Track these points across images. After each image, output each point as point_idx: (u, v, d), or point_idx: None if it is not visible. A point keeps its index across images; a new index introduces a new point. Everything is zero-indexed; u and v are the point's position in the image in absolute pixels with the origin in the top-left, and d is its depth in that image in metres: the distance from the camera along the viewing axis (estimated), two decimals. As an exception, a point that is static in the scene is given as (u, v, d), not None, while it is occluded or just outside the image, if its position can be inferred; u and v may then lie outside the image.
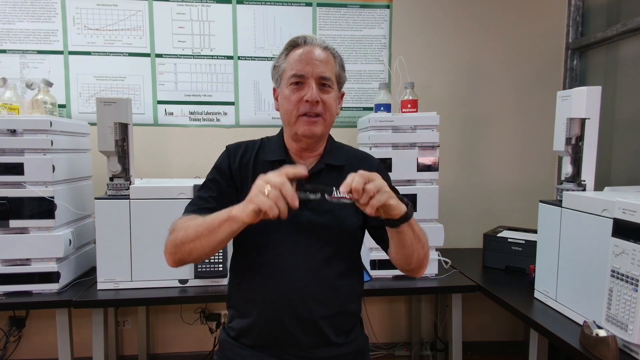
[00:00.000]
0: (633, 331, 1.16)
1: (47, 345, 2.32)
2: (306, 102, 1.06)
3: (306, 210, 1.07)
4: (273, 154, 1.15)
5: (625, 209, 1.20)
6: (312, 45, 1.10)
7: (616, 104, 2.21)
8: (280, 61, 1.13)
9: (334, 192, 1.03)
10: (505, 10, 2.51)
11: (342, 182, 1.05)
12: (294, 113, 1.08)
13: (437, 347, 2.55)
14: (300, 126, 1.08)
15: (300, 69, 1.07)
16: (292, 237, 1.08)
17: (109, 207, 1.72)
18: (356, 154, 1.24)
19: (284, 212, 0.86)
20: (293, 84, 1.08)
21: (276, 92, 1.17)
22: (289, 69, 1.09)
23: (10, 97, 1.81)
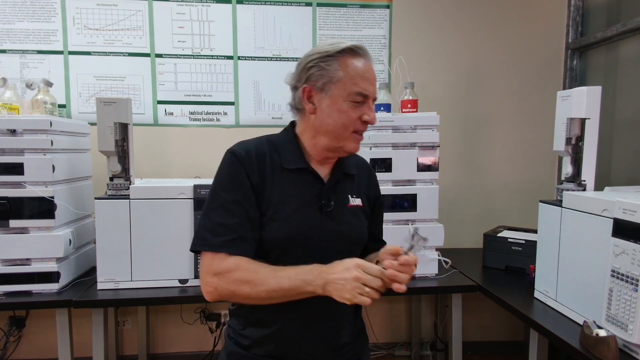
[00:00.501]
0: (633, 331, 1.15)
1: (47, 345, 2.32)
2: (364, 122, 1.03)
3: (330, 220, 1.06)
4: (293, 162, 1.06)
5: (625, 209, 1.20)
6: (370, 60, 1.05)
7: (616, 104, 2.21)
8: (332, 65, 1.01)
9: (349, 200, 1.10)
10: (505, 10, 2.51)
11: (351, 189, 1.12)
12: (349, 129, 1.03)
13: (437, 347, 2.55)
14: (351, 143, 1.05)
15: (366, 88, 1.02)
16: (318, 246, 1.05)
17: (109, 207, 1.72)
18: (358, 161, 1.21)
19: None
20: (355, 101, 1.01)
21: (312, 92, 1.04)
22: (351, 83, 1.01)
23: (10, 97, 1.81)
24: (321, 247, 1.05)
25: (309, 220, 1.04)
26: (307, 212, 1.04)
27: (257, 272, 0.95)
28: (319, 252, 1.04)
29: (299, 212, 1.03)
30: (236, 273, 0.96)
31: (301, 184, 1.05)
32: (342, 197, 1.10)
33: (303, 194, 1.05)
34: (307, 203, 1.05)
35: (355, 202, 1.12)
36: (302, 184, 1.05)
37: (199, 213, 1.74)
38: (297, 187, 1.05)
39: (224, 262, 0.97)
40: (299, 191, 1.05)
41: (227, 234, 0.97)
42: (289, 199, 1.03)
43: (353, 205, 1.11)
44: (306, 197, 1.05)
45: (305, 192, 1.05)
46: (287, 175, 1.05)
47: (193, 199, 1.76)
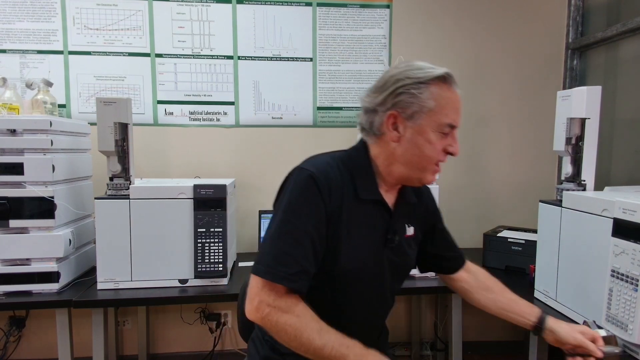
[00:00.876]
0: (633, 331, 1.16)
1: (47, 345, 2.32)
2: (447, 154, 0.99)
3: (390, 251, 1.05)
4: (368, 192, 1.01)
5: (625, 209, 1.20)
6: (457, 88, 1.00)
7: (616, 104, 2.21)
8: (425, 93, 0.95)
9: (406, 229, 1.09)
10: (505, 10, 2.51)
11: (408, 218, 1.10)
12: (433, 160, 0.99)
13: (437, 347, 2.55)
14: (430, 175, 1.01)
15: (455, 119, 0.99)
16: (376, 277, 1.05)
17: (109, 207, 1.72)
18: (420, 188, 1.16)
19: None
20: (443, 132, 0.98)
21: (398, 120, 0.97)
22: (442, 114, 0.96)
23: (10, 97, 1.81)
24: (379, 278, 1.06)
25: (373, 252, 1.03)
26: (373, 244, 1.03)
27: (307, 325, 0.91)
28: (375, 282, 1.06)
29: (366, 244, 1.01)
30: (288, 317, 0.91)
31: (371, 215, 1.02)
32: (401, 227, 1.09)
33: (371, 226, 1.02)
34: (374, 235, 1.03)
35: (409, 232, 1.11)
36: (372, 214, 1.02)
37: (199, 213, 1.75)
38: (367, 218, 1.02)
39: (282, 299, 0.92)
40: (368, 222, 1.02)
41: (291, 265, 0.91)
42: (358, 230, 1.00)
43: (408, 235, 1.11)
44: (374, 229, 1.03)
45: (374, 224, 1.03)
46: (360, 205, 1.00)
47: (193, 199, 1.76)
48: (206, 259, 1.77)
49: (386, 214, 1.04)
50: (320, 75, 2.43)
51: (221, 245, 1.77)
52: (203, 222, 1.76)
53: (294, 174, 1.00)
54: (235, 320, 2.45)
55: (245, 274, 1.81)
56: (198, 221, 1.75)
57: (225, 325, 2.47)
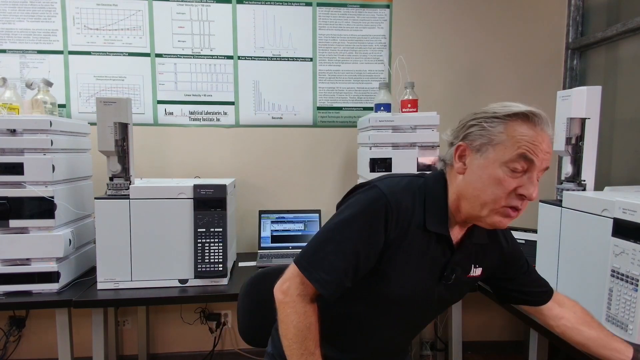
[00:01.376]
0: (633, 331, 1.15)
1: (47, 345, 2.32)
2: (519, 196, 0.89)
3: (443, 288, 1.01)
4: (436, 226, 0.96)
5: (625, 209, 1.20)
6: (546, 131, 0.90)
7: (616, 104, 2.21)
8: (497, 127, 0.89)
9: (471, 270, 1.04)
10: (505, 10, 2.51)
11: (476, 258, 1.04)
12: (499, 202, 0.89)
13: (437, 347, 2.55)
14: (496, 217, 0.91)
15: (532, 154, 0.87)
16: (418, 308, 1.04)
17: (108, 207, 1.72)
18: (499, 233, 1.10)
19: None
20: (513, 168, 0.88)
21: (465, 152, 0.93)
22: (513, 147, 0.87)
23: (10, 97, 1.81)
24: (422, 308, 1.04)
25: (425, 285, 1.00)
26: (427, 277, 0.99)
27: (302, 341, 0.93)
28: (418, 312, 1.05)
29: (420, 275, 0.98)
30: (299, 320, 0.94)
31: (433, 249, 0.98)
32: (464, 266, 1.03)
33: (431, 258, 0.98)
34: (431, 268, 0.99)
35: (476, 273, 1.05)
36: (434, 249, 0.98)
37: (199, 213, 1.75)
38: (428, 251, 0.98)
39: (306, 298, 0.95)
40: (427, 254, 0.98)
41: (329, 272, 0.92)
42: (417, 260, 0.97)
43: (472, 276, 1.05)
44: (432, 262, 0.99)
45: (434, 257, 0.98)
46: (425, 236, 0.96)
47: (193, 199, 1.76)
48: (206, 259, 1.77)
49: (448, 251, 0.99)
50: (320, 75, 2.43)
51: (221, 245, 1.77)
52: (203, 222, 1.76)
53: (367, 187, 0.97)
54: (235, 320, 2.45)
55: (246, 274, 1.81)
56: (198, 221, 1.75)
57: (225, 325, 2.46)
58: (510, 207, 0.90)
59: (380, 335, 1.06)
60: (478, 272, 1.05)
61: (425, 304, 1.03)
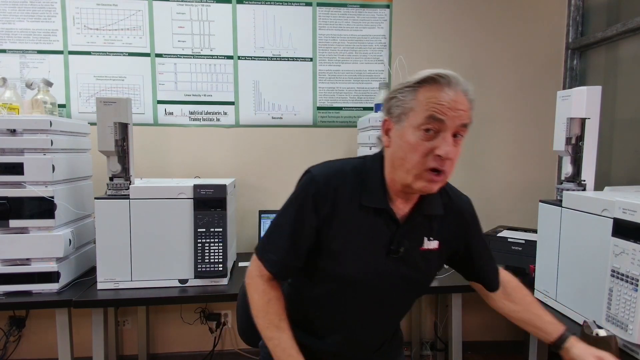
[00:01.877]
0: (633, 331, 1.16)
1: (47, 345, 2.32)
2: (436, 157, 0.89)
3: (396, 263, 1.01)
4: (373, 200, 0.98)
5: (625, 209, 1.20)
6: (455, 89, 0.92)
7: (616, 104, 2.21)
8: (407, 96, 0.93)
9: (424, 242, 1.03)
10: (505, 10, 2.51)
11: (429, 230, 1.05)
12: (418, 166, 0.91)
13: (437, 347, 2.55)
14: (420, 181, 0.92)
15: (439, 113, 0.89)
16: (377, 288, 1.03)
17: (108, 207, 1.72)
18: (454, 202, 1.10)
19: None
20: (425, 130, 0.90)
21: (389, 124, 0.98)
22: (421, 110, 0.90)
23: (10, 97, 1.81)
24: (380, 290, 1.03)
25: (372, 263, 1.00)
26: (373, 254, 1.00)
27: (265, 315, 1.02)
28: (377, 294, 1.03)
29: (365, 253, 1.00)
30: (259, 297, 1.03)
31: (374, 224, 0.99)
32: (416, 239, 1.03)
33: (373, 235, 0.99)
34: (376, 245, 1.00)
35: (430, 246, 1.04)
36: (375, 223, 0.99)
37: (199, 213, 1.75)
38: (369, 226, 0.99)
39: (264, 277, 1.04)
40: (370, 231, 0.99)
41: (276, 253, 1.01)
42: (358, 238, 0.99)
43: (426, 248, 1.04)
44: (376, 239, 1.00)
45: (377, 233, 1.00)
46: (363, 213, 0.99)
47: (193, 199, 1.76)
48: (206, 259, 1.77)
49: (393, 224, 1.00)
50: (320, 75, 2.43)
51: (221, 245, 1.77)
52: (203, 222, 1.76)
53: (303, 173, 1.04)
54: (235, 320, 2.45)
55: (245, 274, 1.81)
56: (198, 221, 1.75)
57: (225, 325, 2.46)
58: (431, 170, 0.91)
59: (352, 319, 1.05)
60: (434, 244, 1.05)
61: (385, 282, 1.02)
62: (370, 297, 1.03)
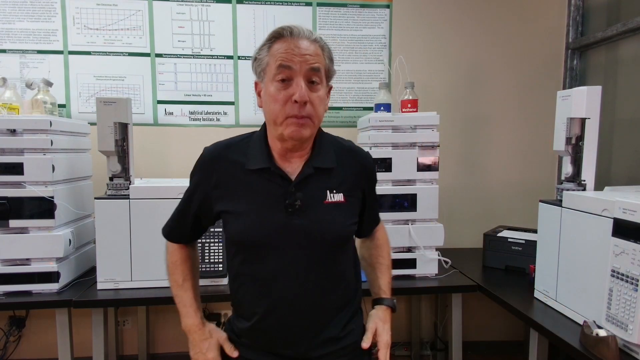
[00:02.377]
0: (633, 331, 1.15)
1: (47, 345, 2.32)
2: (294, 103, 0.96)
3: (298, 219, 1.02)
4: (256, 162, 1.04)
5: (625, 209, 1.20)
6: (299, 37, 0.99)
7: (616, 104, 2.21)
8: (262, 53, 1.02)
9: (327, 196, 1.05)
10: (505, 10, 2.51)
11: (330, 184, 1.06)
12: (281, 114, 0.97)
13: (437, 347, 2.55)
14: (287, 128, 0.98)
15: (287, 60, 0.97)
16: (285, 246, 1.03)
17: (108, 207, 1.72)
18: (347, 151, 1.13)
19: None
20: (279, 81, 0.97)
21: (259, 86, 1.06)
22: (273, 62, 0.98)
23: (10, 97, 1.81)
24: (290, 247, 1.03)
25: (271, 221, 1.02)
26: (271, 213, 1.02)
27: (170, 275, 1.21)
28: (287, 252, 1.03)
29: (262, 213, 1.02)
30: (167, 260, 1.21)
31: (266, 185, 1.03)
32: (316, 194, 1.04)
33: (268, 195, 1.03)
34: (272, 203, 1.02)
35: (334, 199, 1.06)
36: (267, 184, 1.03)
37: (199, 213, 1.75)
38: (262, 188, 1.04)
39: (169, 250, 1.21)
40: (263, 192, 1.03)
41: (171, 224, 1.19)
42: (252, 200, 1.03)
43: (330, 201, 1.05)
44: (271, 198, 1.03)
45: (271, 193, 1.03)
46: (252, 176, 1.04)
47: (193, 199, 1.76)
48: (206, 259, 1.77)
49: (285, 182, 1.03)
50: (320, 75, 2.43)
51: (221, 245, 1.77)
52: (203, 222, 1.75)
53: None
54: (235, 320, 2.45)
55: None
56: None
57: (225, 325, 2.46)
58: (293, 116, 0.97)
59: (278, 290, 1.04)
60: (339, 197, 1.07)
61: (290, 239, 1.02)
62: (282, 259, 1.03)
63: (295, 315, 1.05)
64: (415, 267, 1.92)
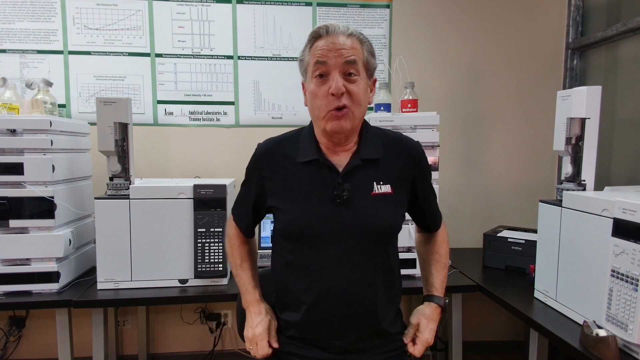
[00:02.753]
0: (633, 331, 1.15)
1: (47, 345, 2.32)
2: (332, 96, 1.00)
3: (347, 210, 1.05)
4: (305, 155, 1.09)
5: (625, 209, 1.20)
6: (335, 34, 1.03)
7: (616, 104, 2.21)
8: (305, 54, 1.07)
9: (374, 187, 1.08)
10: (505, 10, 2.51)
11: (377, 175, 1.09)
12: (323, 109, 1.02)
13: (437, 347, 2.55)
14: (329, 122, 1.02)
15: (322, 56, 1.01)
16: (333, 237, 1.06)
17: (108, 207, 1.72)
18: (394, 141, 1.15)
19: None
20: (317, 76, 1.02)
21: (304, 86, 1.11)
22: (311, 61, 1.04)
23: (10, 97, 1.81)
24: (337, 238, 1.06)
25: (319, 211, 1.06)
26: (319, 203, 1.06)
27: (230, 256, 1.27)
28: (335, 243, 1.06)
29: (311, 204, 1.07)
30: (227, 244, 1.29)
31: (316, 177, 1.08)
32: (364, 185, 1.08)
33: (317, 186, 1.07)
34: (321, 194, 1.06)
35: (382, 190, 1.09)
36: (316, 176, 1.08)
37: (198, 213, 1.75)
38: (311, 179, 1.08)
39: (232, 230, 1.27)
40: (313, 184, 1.08)
41: (238, 208, 1.26)
42: (302, 192, 1.08)
43: (378, 193, 1.08)
44: (320, 189, 1.07)
45: (320, 185, 1.07)
46: (301, 169, 1.09)
47: (193, 199, 1.76)
48: (206, 259, 1.77)
49: (333, 174, 1.07)
50: (320, 75, 2.43)
51: (221, 245, 1.77)
52: (203, 222, 1.76)
53: None
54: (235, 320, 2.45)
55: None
56: (198, 221, 1.75)
57: (225, 325, 2.46)
58: (334, 110, 1.01)
59: (326, 280, 1.06)
60: (386, 189, 1.09)
61: (337, 230, 1.06)
62: (330, 249, 1.06)
63: (343, 305, 1.07)
64: (415, 267, 1.92)
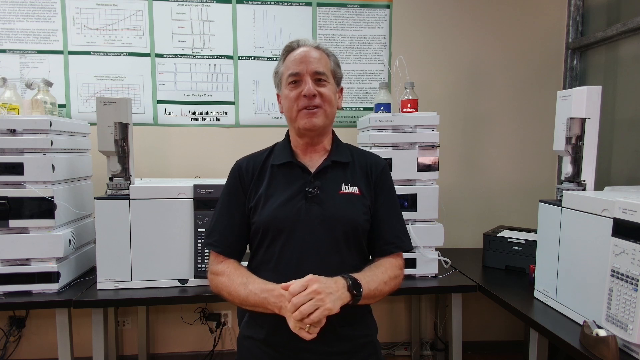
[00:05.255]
0: (633, 331, 1.15)
1: (47, 345, 2.33)
2: (304, 97, 1.14)
3: (317, 206, 1.15)
4: (280, 158, 1.22)
5: (625, 209, 1.20)
6: (305, 46, 1.20)
7: (616, 104, 2.21)
8: (279, 67, 1.23)
9: (342, 187, 1.18)
10: (505, 10, 2.51)
11: (345, 177, 1.20)
12: (294, 109, 1.16)
13: (437, 346, 2.55)
14: (301, 119, 1.16)
15: (295, 67, 1.16)
16: (306, 231, 1.14)
17: (108, 207, 1.72)
18: (362, 153, 1.30)
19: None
20: (291, 83, 1.17)
21: (279, 96, 1.25)
22: (286, 71, 1.19)
23: (10, 97, 1.81)
24: (310, 233, 1.13)
25: (294, 207, 1.15)
26: (293, 200, 1.16)
27: (233, 282, 1.14)
28: (308, 238, 1.13)
29: (285, 200, 1.16)
30: (220, 278, 1.18)
31: (289, 177, 1.19)
32: (333, 185, 1.19)
33: (290, 185, 1.18)
34: (294, 193, 1.17)
35: (349, 190, 1.20)
36: (290, 176, 1.20)
37: (198, 213, 1.75)
38: (285, 180, 1.19)
39: (216, 264, 1.21)
40: (286, 183, 1.19)
41: (215, 235, 1.21)
42: (277, 191, 1.18)
43: (346, 192, 1.19)
44: (293, 187, 1.18)
45: (293, 184, 1.18)
46: (277, 171, 1.21)
47: (193, 199, 1.76)
48: (206, 259, 1.77)
49: (305, 174, 1.19)
50: (320, 75, 2.43)
51: (221, 245, 1.77)
52: (203, 222, 1.76)
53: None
54: (235, 320, 2.45)
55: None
56: (198, 221, 1.75)
57: (225, 325, 2.47)
58: (304, 108, 1.15)
59: (302, 273, 1.06)
60: (353, 189, 1.20)
61: (307, 227, 1.13)
62: (304, 243, 1.12)
63: None
64: (415, 267, 1.92)
